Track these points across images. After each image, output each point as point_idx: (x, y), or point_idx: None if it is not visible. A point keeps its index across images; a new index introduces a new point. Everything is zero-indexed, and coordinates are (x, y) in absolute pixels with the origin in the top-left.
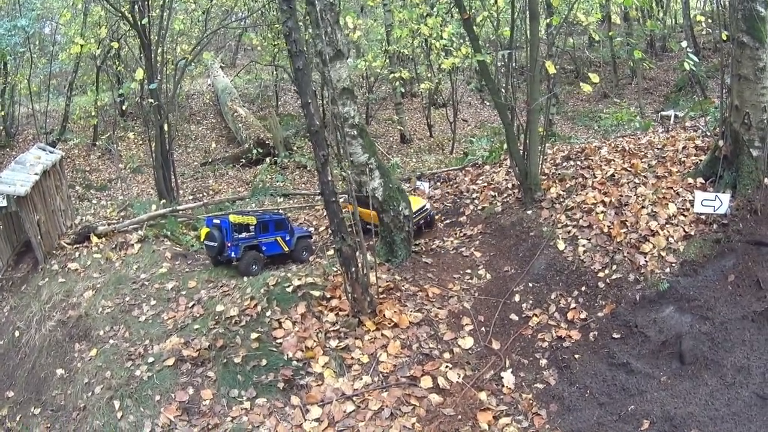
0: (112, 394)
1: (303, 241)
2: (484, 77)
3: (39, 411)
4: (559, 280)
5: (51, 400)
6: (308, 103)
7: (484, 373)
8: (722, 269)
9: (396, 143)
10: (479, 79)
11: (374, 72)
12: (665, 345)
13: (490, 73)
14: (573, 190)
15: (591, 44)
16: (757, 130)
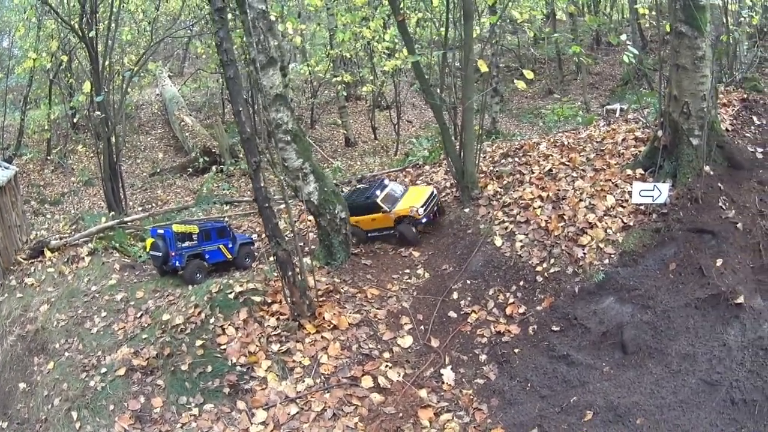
0: (69, 406)
1: (245, 248)
2: (419, 78)
3: (6, 424)
4: (497, 276)
5: (16, 414)
6: (239, 110)
7: (424, 370)
8: (663, 258)
9: (341, 147)
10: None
11: (317, 76)
12: (606, 336)
13: (424, 74)
14: (510, 186)
15: (536, 42)
16: (696, 119)
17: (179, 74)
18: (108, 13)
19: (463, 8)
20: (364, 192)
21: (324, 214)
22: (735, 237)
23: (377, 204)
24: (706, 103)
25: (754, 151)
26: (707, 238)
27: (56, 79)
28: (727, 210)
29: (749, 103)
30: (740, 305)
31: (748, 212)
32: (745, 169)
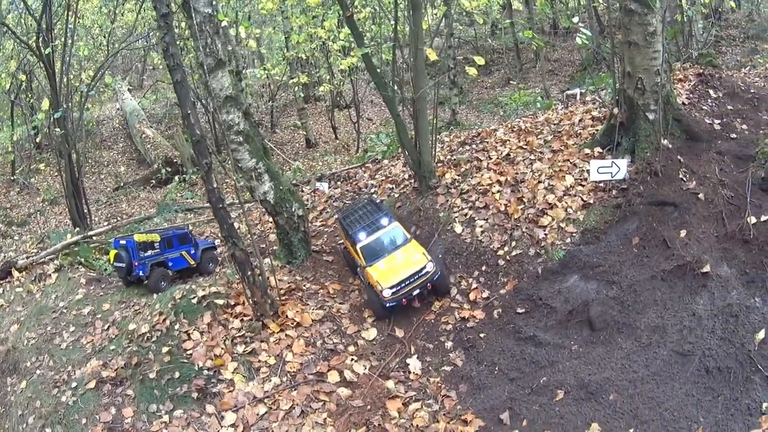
0: (43, 423)
1: (208, 253)
2: (370, 71)
3: None
4: (459, 263)
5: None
6: (188, 114)
7: (390, 361)
8: (626, 233)
9: (302, 148)
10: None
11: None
12: (572, 314)
13: (375, 67)
14: (468, 173)
15: (493, 32)
16: (651, 94)
17: (139, 87)
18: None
19: (412, 1)
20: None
21: (281, 213)
22: (697, 207)
23: (355, 248)
24: (660, 77)
25: (712, 123)
26: (669, 210)
27: (17, 99)
28: (687, 181)
29: (705, 78)
30: (707, 274)
31: (709, 182)
32: (704, 141)
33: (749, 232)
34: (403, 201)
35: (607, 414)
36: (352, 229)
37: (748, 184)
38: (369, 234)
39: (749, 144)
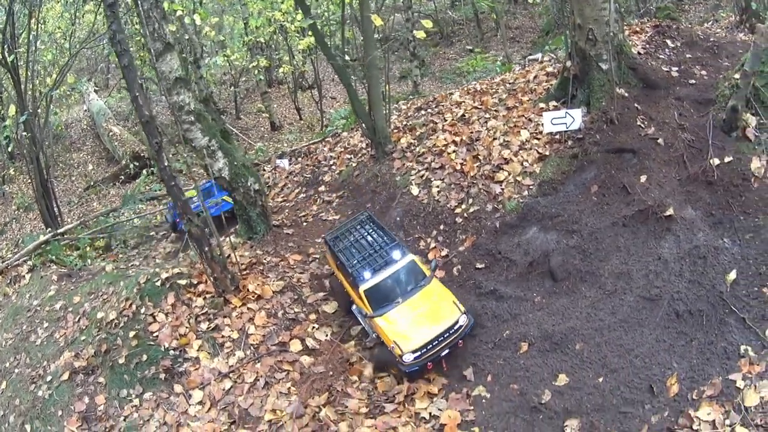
0: (23, 419)
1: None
2: (318, 42)
3: None
4: (417, 224)
5: None
6: (136, 96)
7: (351, 326)
8: (584, 182)
9: (267, 132)
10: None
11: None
12: (533, 266)
13: (323, 36)
14: (424, 136)
15: (453, 4)
16: (603, 44)
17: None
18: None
19: None
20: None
21: (237, 189)
22: (657, 152)
23: (358, 292)
24: (611, 27)
25: (669, 71)
26: (628, 156)
27: None
28: (646, 128)
29: (662, 29)
30: (671, 217)
31: (668, 127)
32: (662, 88)
33: (712, 173)
34: (360, 169)
35: (574, 364)
36: (350, 261)
37: (709, 127)
38: (375, 272)
39: (709, 88)
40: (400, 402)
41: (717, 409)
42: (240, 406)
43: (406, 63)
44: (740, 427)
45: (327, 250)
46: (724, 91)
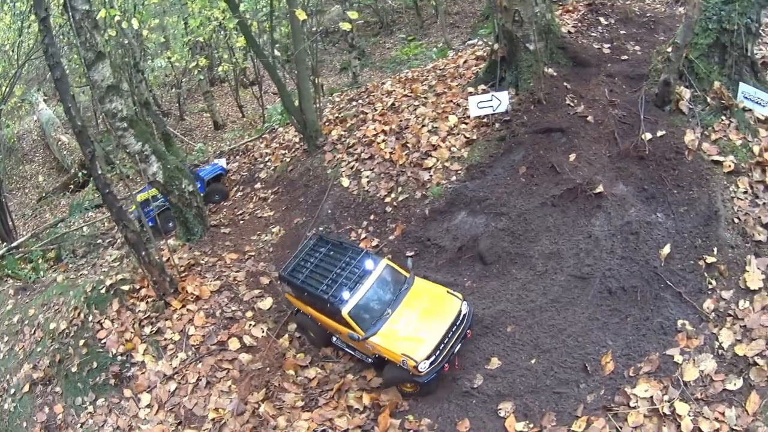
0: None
1: (212, 185)
2: (247, 39)
3: None
4: (348, 216)
5: None
6: (68, 107)
7: (286, 322)
8: (512, 164)
9: (210, 131)
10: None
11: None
12: (462, 251)
13: (251, 34)
14: (354, 127)
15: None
16: (530, 25)
17: (54, 96)
18: None
19: None
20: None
21: (172, 191)
22: (587, 130)
23: (342, 317)
24: (539, 7)
25: (601, 48)
26: (557, 136)
27: None
28: (575, 106)
29: (595, 7)
30: (601, 194)
31: (599, 104)
32: (593, 66)
33: (644, 148)
34: (294, 164)
35: (506, 347)
36: (320, 288)
37: (641, 102)
38: (353, 289)
39: (642, 64)
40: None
41: (655, 385)
42: (185, 406)
43: (347, 55)
44: (679, 402)
45: (287, 287)
46: (657, 65)
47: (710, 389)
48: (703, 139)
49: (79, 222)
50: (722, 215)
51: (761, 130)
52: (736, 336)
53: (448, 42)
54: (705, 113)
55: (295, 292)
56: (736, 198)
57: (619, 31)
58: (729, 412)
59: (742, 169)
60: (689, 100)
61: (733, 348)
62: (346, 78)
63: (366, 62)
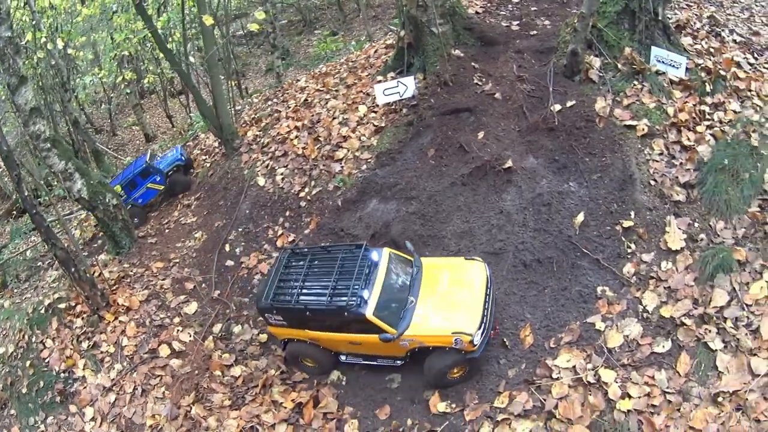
0: None
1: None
2: (161, 49)
3: None
4: (265, 214)
5: None
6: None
7: (212, 325)
8: (421, 147)
9: (142, 144)
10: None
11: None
12: (375, 237)
13: (165, 43)
14: (269, 126)
15: None
16: (434, 9)
17: None
18: None
19: None
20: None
21: (97, 206)
22: (494, 107)
23: (367, 320)
24: None
25: (509, 25)
26: (464, 116)
27: None
28: (483, 84)
29: None
30: (510, 169)
31: (506, 81)
32: (501, 44)
33: (553, 119)
34: (214, 168)
35: None
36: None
37: (549, 74)
38: (369, 287)
39: (551, 37)
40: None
41: (577, 354)
42: (125, 416)
43: (271, 56)
44: (604, 369)
45: (273, 317)
46: (565, 37)
47: (637, 354)
48: (614, 106)
49: (22, 246)
50: (637, 178)
51: (675, 91)
52: (660, 298)
53: (371, 34)
54: (616, 80)
55: (287, 319)
56: (652, 160)
57: (529, 7)
58: (659, 375)
59: (656, 131)
60: (599, 68)
61: (658, 310)
62: (272, 79)
63: (290, 61)
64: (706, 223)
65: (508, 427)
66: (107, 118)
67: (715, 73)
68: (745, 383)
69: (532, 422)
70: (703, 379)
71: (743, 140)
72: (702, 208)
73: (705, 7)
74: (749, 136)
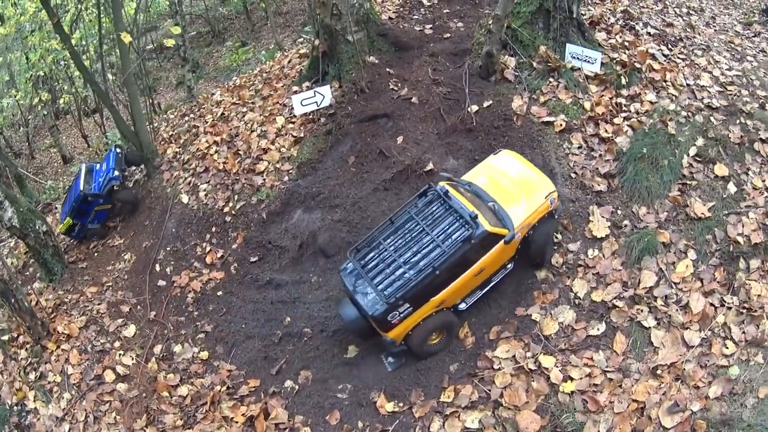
0: None
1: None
2: (78, 67)
3: None
4: (191, 232)
5: None
6: None
7: (152, 346)
8: (341, 155)
9: (60, 166)
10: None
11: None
12: (303, 248)
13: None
14: (188, 142)
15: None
16: (348, 17)
17: None
18: None
19: None
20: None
21: (29, 234)
22: (412, 112)
23: (491, 234)
24: None
25: (423, 29)
26: (383, 122)
27: None
28: (399, 90)
29: None
30: (431, 171)
31: (422, 85)
32: (415, 48)
33: (471, 120)
34: (136, 188)
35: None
36: (445, 252)
37: (465, 76)
38: (466, 210)
39: (464, 39)
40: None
41: (515, 344)
42: None
43: (181, 69)
44: (544, 356)
45: (398, 316)
46: (480, 38)
47: (573, 338)
48: (531, 103)
49: None
50: (558, 172)
51: (592, 86)
52: (590, 284)
53: (279, 43)
54: (532, 78)
55: (413, 301)
56: (571, 154)
57: (442, 10)
58: (597, 356)
59: (574, 126)
60: (515, 67)
61: (589, 296)
62: (183, 93)
63: (201, 74)
64: (629, 209)
65: (457, 419)
66: (25, 141)
67: (630, 65)
68: (680, 355)
69: (480, 412)
70: (641, 355)
71: (660, 129)
72: (624, 196)
73: (619, 2)
74: (666, 125)
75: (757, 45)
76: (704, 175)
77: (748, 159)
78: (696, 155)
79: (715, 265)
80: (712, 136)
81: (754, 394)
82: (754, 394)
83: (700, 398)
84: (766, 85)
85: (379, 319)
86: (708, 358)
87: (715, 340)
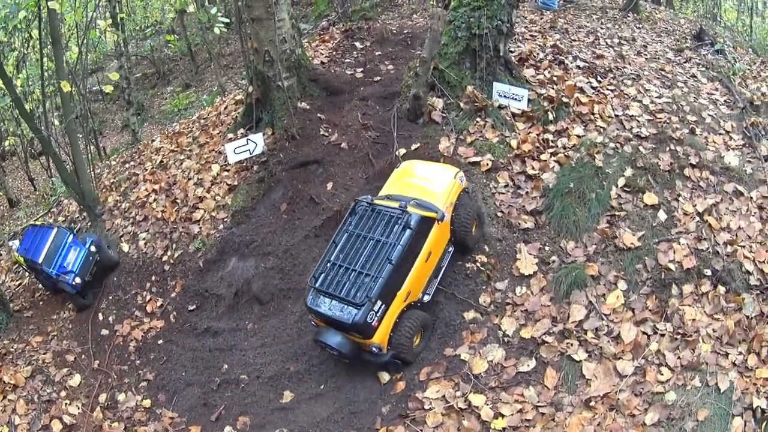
0: None
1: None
2: (22, 114)
3: None
4: (132, 281)
5: None
6: None
7: (97, 395)
8: (273, 203)
9: (6, 210)
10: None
11: None
12: (239, 295)
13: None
14: (129, 190)
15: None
16: (280, 63)
17: None
18: None
19: (51, 35)
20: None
21: None
22: (341, 157)
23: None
24: (288, 44)
25: (354, 73)
26: (313, 168)
27: None
28: (329, 135)
29: (351, 32)
30: None
31: (352, 130)
32: (346, 92)
33: (398, 164)
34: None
35: (295, 381)
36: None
37: (393, 120)
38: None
39: (394, 82)
40: None
41: (445, 384)
42: None
43: (125, 111)
44: (474, 394)
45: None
46: (408, 81)
47: (503, 376)
48: (458, 144)
49: None
50: (484, 212)
51: (519, 123)
52: (519, 321)
53: (222, 85)
54: (459, 118)
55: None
56: (498, 193)
57: (374, 52)
58: (528, 391)
59: (500, 164)
60: (442, 108)
61: (518, 333)
62: (128, 136)
63: (145, 117)
64: (557, 245)
65: None
66: None
67: (558, 100)
68: (614, 385)
69: None
70: (573, 388)
71: (588, 162)
72: (551, 232)
73: (549, 36)
74: (594, 158)
75: (687, 70)
76: (633, 205)
77: (679, 185)
78: (624, 186)
79: (647, 294)
80: (641, 165)
81: (693, 417)
82: (693, 417)
83: (636, 426)
84: (696, 110)
85: (360, 325)
86: (642, 386)
87: (650, 368)
